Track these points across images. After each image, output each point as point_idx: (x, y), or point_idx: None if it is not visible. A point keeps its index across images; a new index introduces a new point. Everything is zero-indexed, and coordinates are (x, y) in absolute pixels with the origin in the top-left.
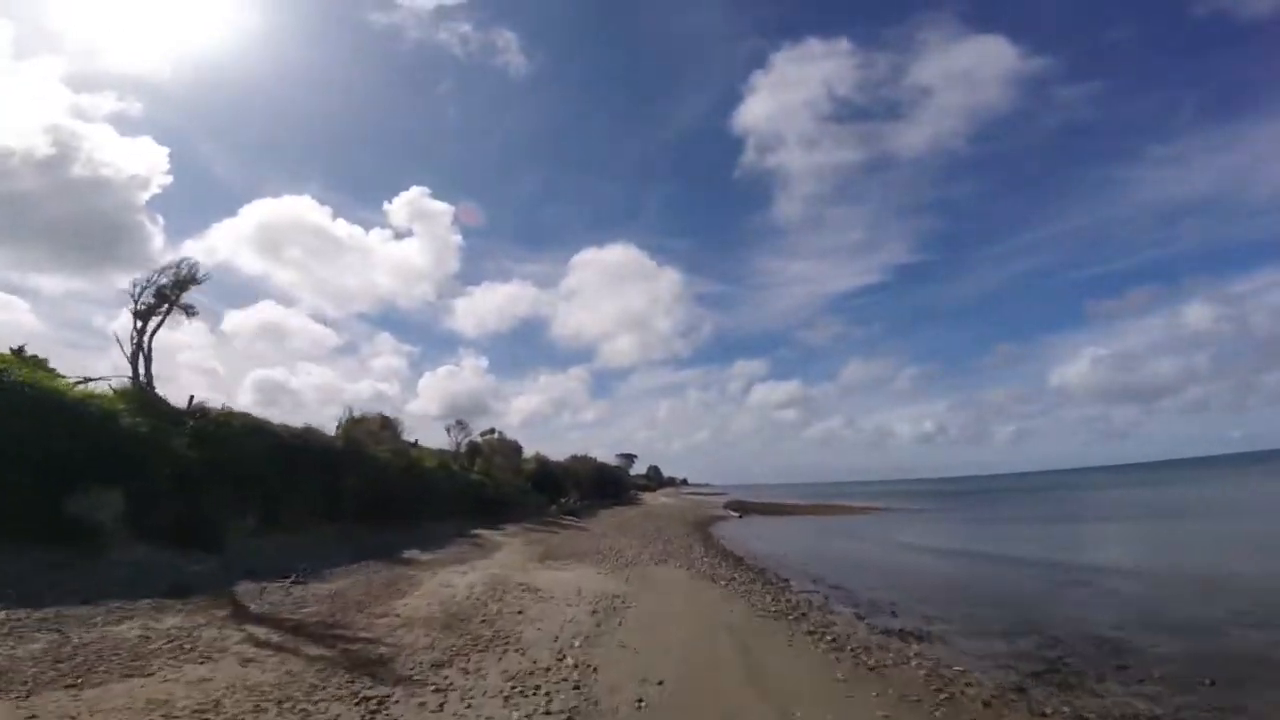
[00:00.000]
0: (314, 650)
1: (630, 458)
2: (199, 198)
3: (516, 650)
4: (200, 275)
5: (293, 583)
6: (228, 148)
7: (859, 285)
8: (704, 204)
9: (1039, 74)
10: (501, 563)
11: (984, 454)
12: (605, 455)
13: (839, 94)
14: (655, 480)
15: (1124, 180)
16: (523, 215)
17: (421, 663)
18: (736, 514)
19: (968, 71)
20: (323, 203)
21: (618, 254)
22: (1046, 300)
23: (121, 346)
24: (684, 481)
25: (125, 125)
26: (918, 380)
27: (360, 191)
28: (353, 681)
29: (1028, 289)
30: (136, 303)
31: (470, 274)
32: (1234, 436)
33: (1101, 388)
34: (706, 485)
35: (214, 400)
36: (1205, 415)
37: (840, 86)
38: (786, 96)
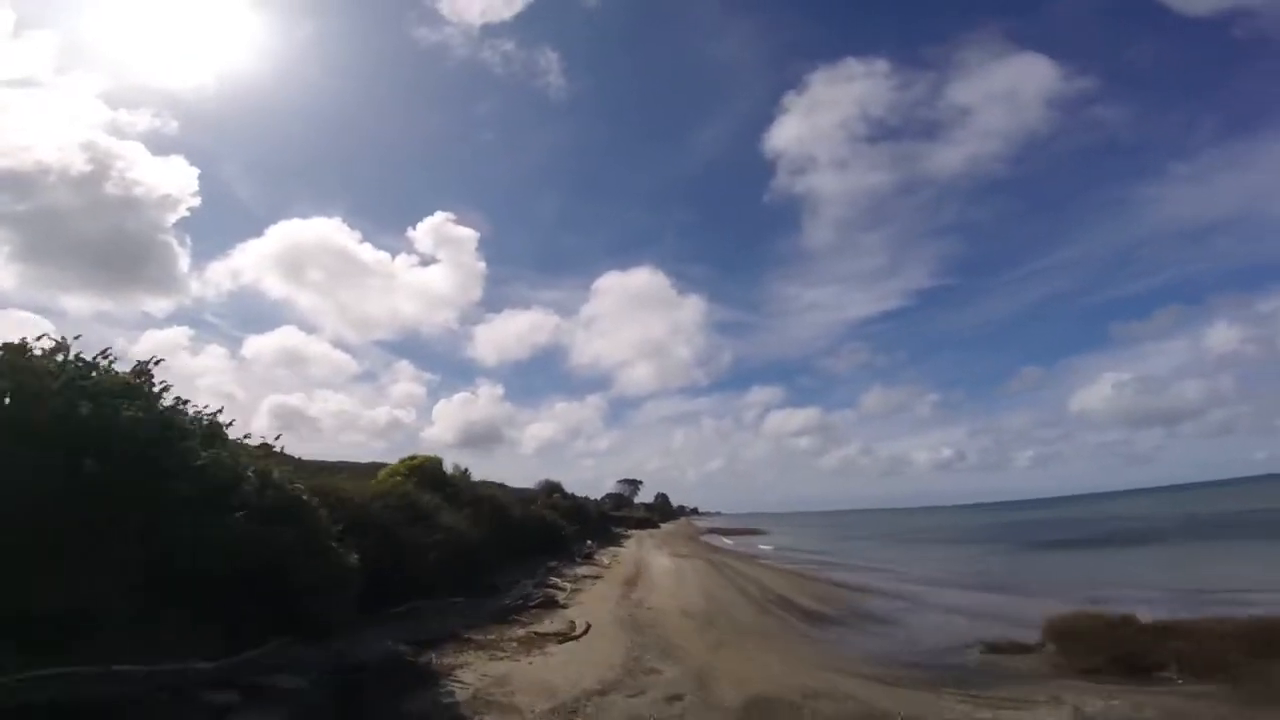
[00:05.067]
0: None
1: (634, 484)
2: (225, 219)
3: None
4: None
5: None
6: (257, 168)
7: (883, 310)
8: (729, 229)
9: (1081, 94)
10: None
11: (1003, 480)
12: (612, 484)
13: (874, 114)
14: (661, 510)
15: (1147, 199)
16: (547, 240)
17: None
18: None
19: (1010, 91)
20: (351, 227)
21: (642, 278)
22: (1070, 323)
23: None
24: (694, 511)
25: (159, 144)
26: (938, 407)
27: (387, 216)
28: None
29: (1051, 312)
30: None
31: (493, 301)
32: (1259, 458)
33: (1124, 412)
34: (717, 513)
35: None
36: (1230, 438)
37: (875, 107)
38: (820, 118)
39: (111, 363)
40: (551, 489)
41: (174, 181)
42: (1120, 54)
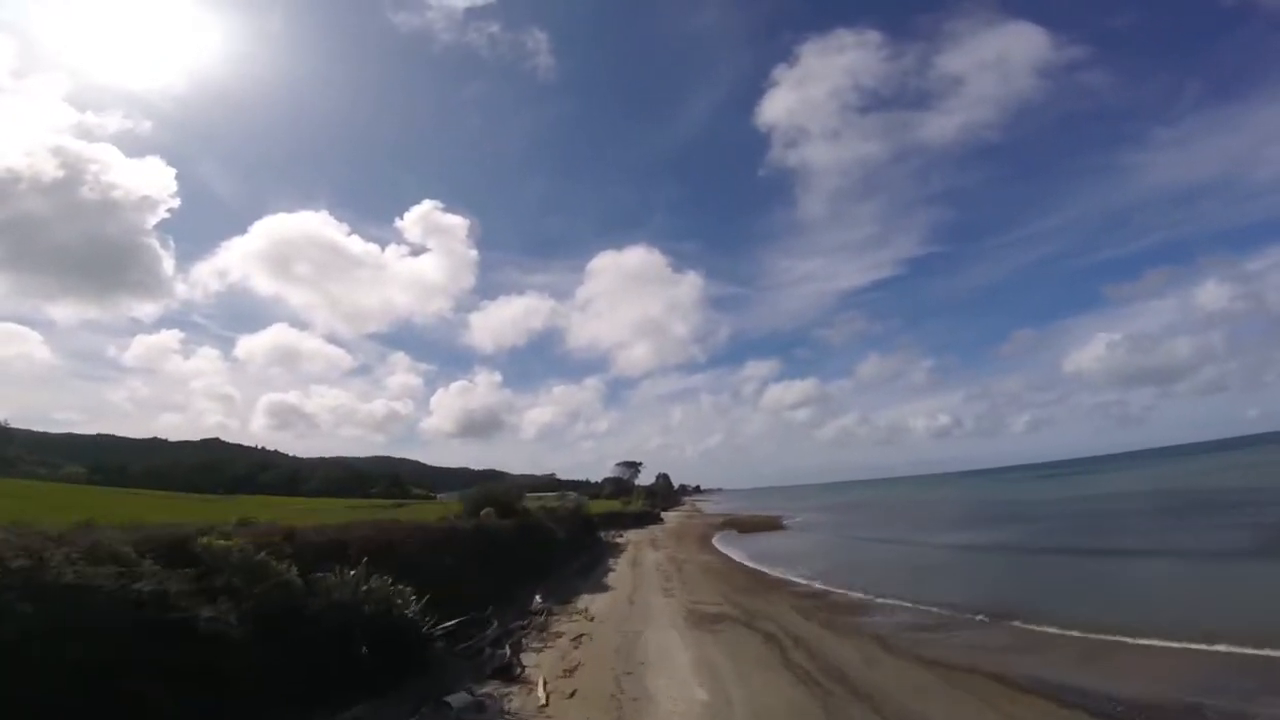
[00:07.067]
0: None
1: (635, 466)
2: (207, 218)
3: None
4: None
5: None
6: (237, 164)
7: (876, 279)
8: (722, 203)
9: (1071, 61)
10: None
11: (999, 445)
12: (612, 466)
13: (866, 85)
14: (663, 493)
15: (1136, 164)
16: (539, 223)
17: None
18: None
19: (1001, 59)
20: (338, 220)
21: (637, 257)
22: (1062, 286)
23: None
24: (697, 489)
25: (132, 145)
26: (933, 373)
27: (374, 207)
28: None
29: (1043, 276)
30: None
31: (487, 288)
32: (1251, 416)
33: (1117, 371)
34: (719, 489)
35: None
36: (1222, 396)
37: (867, 77)
38: (812, 89)
39: None
40: (480, 502)
41: (152, 183)
42: (1108, 21)
